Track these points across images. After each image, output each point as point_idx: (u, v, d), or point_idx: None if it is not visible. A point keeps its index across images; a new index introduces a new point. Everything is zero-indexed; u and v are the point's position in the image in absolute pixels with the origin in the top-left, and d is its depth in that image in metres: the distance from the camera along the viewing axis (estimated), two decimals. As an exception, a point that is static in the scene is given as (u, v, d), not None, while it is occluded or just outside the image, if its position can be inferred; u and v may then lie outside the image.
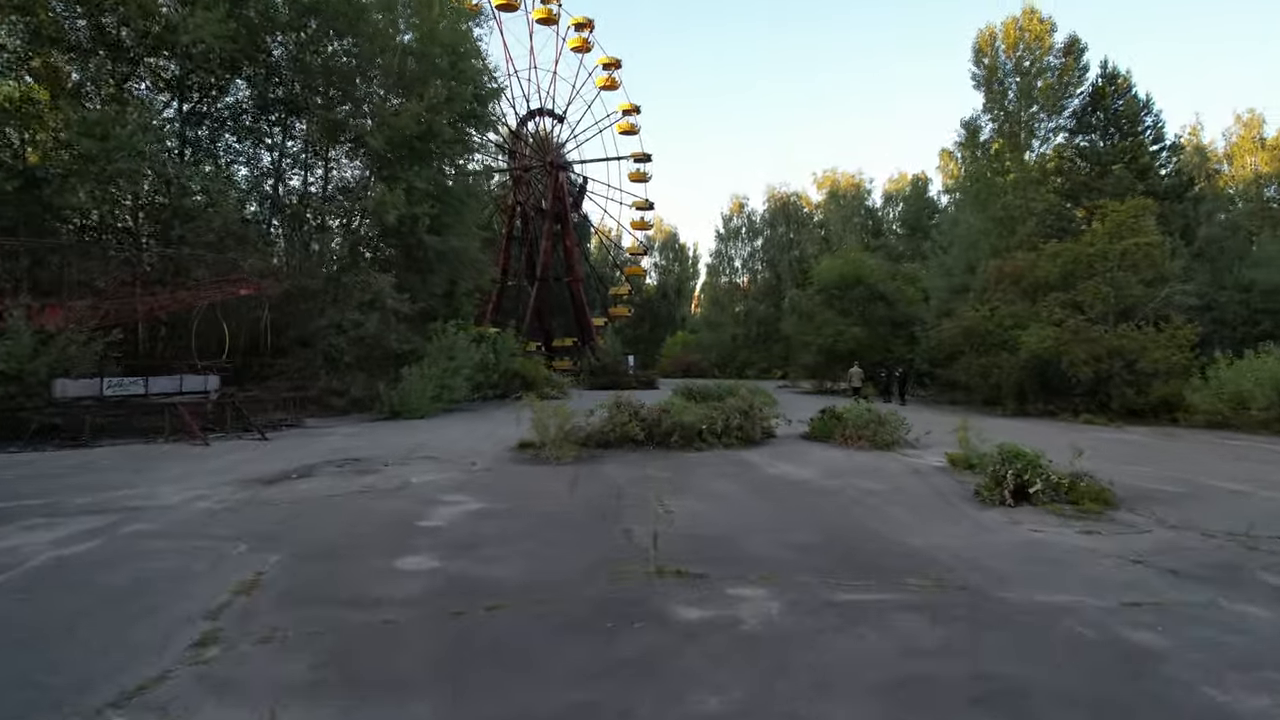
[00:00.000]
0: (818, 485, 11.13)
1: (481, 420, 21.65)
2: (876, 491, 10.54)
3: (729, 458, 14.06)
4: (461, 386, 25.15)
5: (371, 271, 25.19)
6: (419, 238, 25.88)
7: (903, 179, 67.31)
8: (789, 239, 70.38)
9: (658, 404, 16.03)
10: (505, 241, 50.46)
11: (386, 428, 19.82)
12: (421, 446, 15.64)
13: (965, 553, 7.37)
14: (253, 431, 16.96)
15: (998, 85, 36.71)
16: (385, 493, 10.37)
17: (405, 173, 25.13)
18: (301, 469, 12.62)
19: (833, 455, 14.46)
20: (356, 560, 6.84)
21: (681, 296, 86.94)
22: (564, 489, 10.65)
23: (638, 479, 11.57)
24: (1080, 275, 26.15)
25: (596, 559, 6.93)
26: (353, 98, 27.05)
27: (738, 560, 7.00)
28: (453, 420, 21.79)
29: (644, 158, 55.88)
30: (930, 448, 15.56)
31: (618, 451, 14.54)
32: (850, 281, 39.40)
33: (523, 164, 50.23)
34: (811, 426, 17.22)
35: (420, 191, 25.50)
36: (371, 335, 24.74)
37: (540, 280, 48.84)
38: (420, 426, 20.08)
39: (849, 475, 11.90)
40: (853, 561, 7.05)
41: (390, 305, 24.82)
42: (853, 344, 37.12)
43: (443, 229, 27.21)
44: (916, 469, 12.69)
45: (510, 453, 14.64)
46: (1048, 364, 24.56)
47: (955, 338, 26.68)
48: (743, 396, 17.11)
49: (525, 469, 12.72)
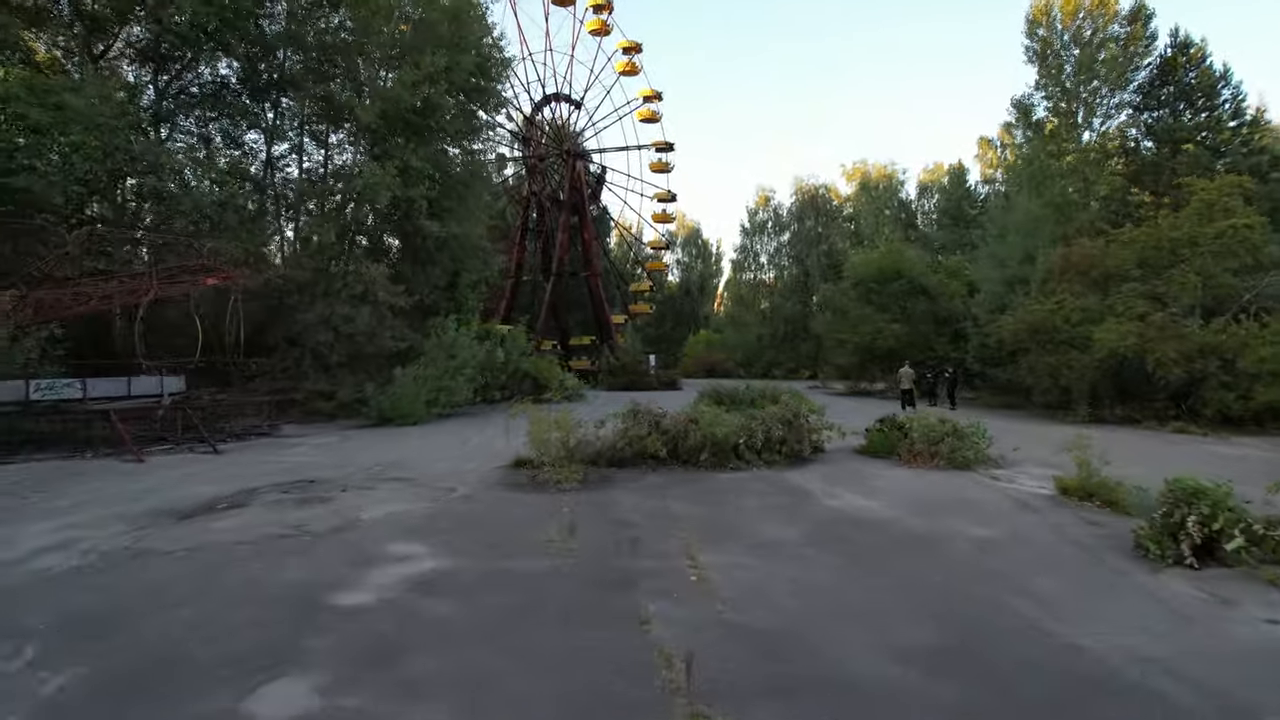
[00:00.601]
0: (905, 529, 8.26)
1: (480, 428, 18.96)
2: (992, 542, 7.65)
3: (773, 481, 11.23)
4: (462, 389, 22.54)
5: (363, 261, 22.64)
6: (416, 223, 23.29)
7: (938, 169, 63.81)
8: (817, 233, 67.07)
9: (683, 411, 13.24)
10: (520, 234, 47.79)
11: (367, 437, 17.23)
12: (398, 463, 12.99)
13: (1184, 668, 4.53)
14: (206, 442, 14.42)
15: (1053, 58, 33.39)
16: (317, 537, 7.70)
17: (400, 151, 22.54)
18: (237, 496, 10.02)
19: (902, 478, 11.57)
20: (181, 694, 4.12)
21: (704, 294, 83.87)
22: (559, 533, 7.90)
23: (658, 515, 8.80)
24: (1160, 263, 22.94)
25: (588, 699, 4.16)
26: (347, 73, 24.52)
27: (824, 690, 4.21)
28: (447, 428, 19.14)
29: (666, 147, 52.91)
30: (1016, 465, 12.66)
31: (633, 472, 11.79)
32: (889, 275, 36.31)
33: (538, 152, 47.48)
34: (869, 439, 14.32)
35: (417, 172, 22.90)
36: (363, 332, 22.24)
37: (556, 275, 46.08)
38: (408, 436, 17.46)
39: (940, 512, 9.02)
40: (1018, 695, 4.23)
41: (383, 298, 22.26)
42: (892, 342, 34.10)
43: (444, 214, 24.60)
44: (1023, 501, 9.77)
45: (502, 472, 11.94)
46: (1126, 364, 21.42)
47: (1019, 334, 23.54)
48: (785, 403, 14.22)
49: (515, 498, 9.99)
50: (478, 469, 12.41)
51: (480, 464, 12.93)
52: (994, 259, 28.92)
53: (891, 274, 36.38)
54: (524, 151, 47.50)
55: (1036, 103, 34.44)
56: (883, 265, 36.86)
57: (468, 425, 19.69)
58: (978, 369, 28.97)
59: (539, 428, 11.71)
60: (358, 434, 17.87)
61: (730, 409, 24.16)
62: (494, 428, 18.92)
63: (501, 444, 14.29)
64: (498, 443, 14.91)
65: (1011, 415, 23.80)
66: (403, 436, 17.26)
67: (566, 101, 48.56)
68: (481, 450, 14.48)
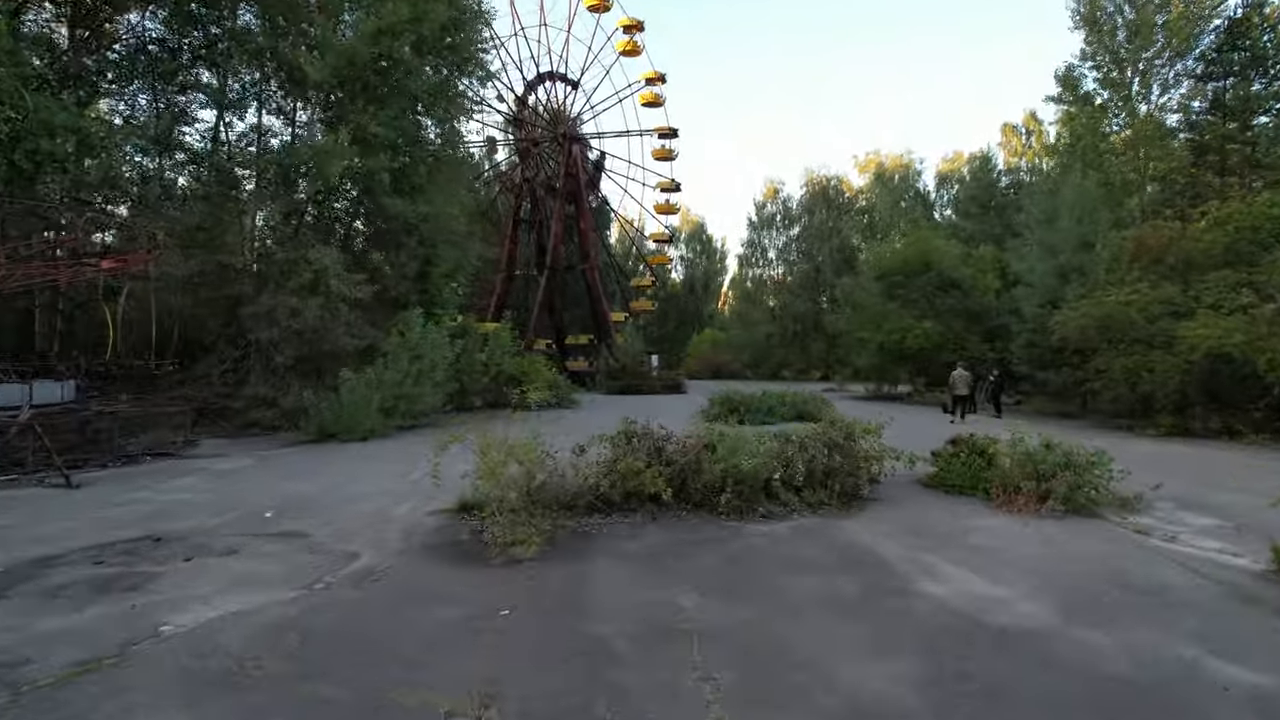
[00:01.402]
0: (1086, 660, 4.68)
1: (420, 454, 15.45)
2: (1266, 695, 4.10)
3: (828, 540, 7.70)
4: (429, 396, 19.08)
5: (313, 243, 19.15)
6: (378, 201, 19.80)
7: (958, 158, 60.16)
8: (829, 226, 63.46)
9: (694, 433, 9.69)
10: (512, 225, 44.16)
11: (292, 460, 13.73)
12: (305, 504, 9.51)
13: None
14: (62, 470, 10.92)
15: (1105, 21, 29.80)
16: (15, 698, 4.18)
17: (359, 115, 19.04)
18: (18, 570, 6.54)
19: (1012, 534, 8.03)
20: None
21: (709, 291, 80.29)
22: (482, 666, 4.38)
23: (659, 626, 5.28)
24: (1256, 248, 19.41)
25: None
26: (298, 28, 21.03)
27: None
28: (401, 446, 15.61)
29: (670, 133, 49.26)
30: (1155, 507, 9.15)
31: (624, 523, 8.29)
32: (916, 267, 32.75)
33: (531, 135, 43.88)
34: (940, 467, 10.78)
35: (379, 141, 19.43)
36: (312, 328, 18.80)
37: (550, 269, 42.46)
38: (344, 458, 13.95)
39: (1117, 612, 5.47)
40: None
41: (335, 289, 18.75)
42: (922, 341, 30.57)
43: (413, 192, 21.11)
44: (1231, 584, 6.22)
45: (439, 522, 8.49)
46: (1222, 366, 17.89)
47: (1085, 332, 19.96)
48: (839, 422, 10.66)
49: (438, 579, 6.48)
50: (409, 515, 8.92)
51: (416, 505, 9.46)
52: (1042, 247, 25.31)
53: (919, 266, 32.83)
54: (516, 135, 43.90)
55: (1085, 73, 30.88)
56: (909, 257, 33.31)
57: (425, 443, 16.14)
58: (1024, 371, 25.37)
59: (489, 460, 8.20)
60: (283, 455, 14.36)
61: (747, 418, 20.70)
62: (459, 445, 15.46)
63: (457, 470, 10.78)
64: (453, 468, 11.39)
65: (1070, 426, 20.26)
66: (337, 459, 13.74)
67: (562, 81, 45.00)
68: (421, 485, 10.94)
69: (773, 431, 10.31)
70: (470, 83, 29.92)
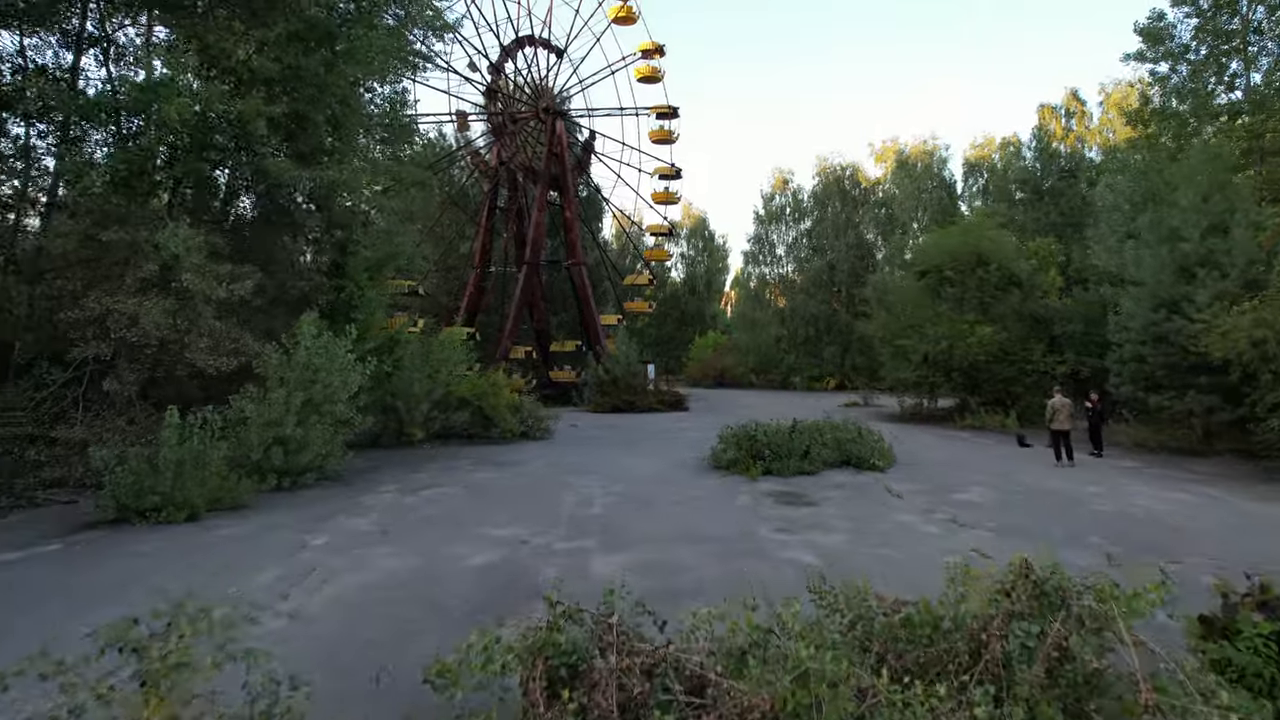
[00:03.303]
0: None
1: (297, 542, 9.76)
2: None
3: None
4: (322, 440, 13.32)
5: (162, 221, 13.41)
6: (258, 163, 14.01)
7: (989, 143, 54.37)
8: (844, 220, 57.73)
9: (718, 663, 3.83)
10: (486, 213, 38.19)
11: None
12: None
13: None
14: None
15: (1209, -46, 24.06)
16: None
17: (214, 33, 13.28)
18: None
19: None
20: None
21: (711, 290, 74.54)
22: None
23: None
24: None
25: None
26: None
27: None
28: (233, 537, 9.82)
29: (669, 112, 43.28)
30: None
31: None
32: (968, 262, 27.05)
33: (509, 110, 38.00)
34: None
35: (256, 75, 13.72)
36: (157, 341, 13.16)
37: (529, 264, 36.58)
38: (93, 573, 8.15)
39: None
40: None
41: (194, 285, 13.01)
42: (977, 350, 24.90)
43: (315, 153, 15.37)
44: None
45: None
46: None
47: (1265, 344, 14.17)
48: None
49: None
50: None
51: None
52: (1153, 232, 19.54)
53: (971, 260, 27.12)
54: (489, 108, 37.99)
55: (1177, 23, 25.10)
56: (956, 249, 27.55)
57: (288, 530, 10.31)
58: (1128, 393, 19.61)
59: None
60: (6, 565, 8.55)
61: (774, 465, 14.99)
62: (334, 533, 9.67)
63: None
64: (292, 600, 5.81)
65: (1218, 475, 14.65)
66: (73, 578, 7.98)
67: (545, 48, 39.04)
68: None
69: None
70: (421, 33, 24.25)
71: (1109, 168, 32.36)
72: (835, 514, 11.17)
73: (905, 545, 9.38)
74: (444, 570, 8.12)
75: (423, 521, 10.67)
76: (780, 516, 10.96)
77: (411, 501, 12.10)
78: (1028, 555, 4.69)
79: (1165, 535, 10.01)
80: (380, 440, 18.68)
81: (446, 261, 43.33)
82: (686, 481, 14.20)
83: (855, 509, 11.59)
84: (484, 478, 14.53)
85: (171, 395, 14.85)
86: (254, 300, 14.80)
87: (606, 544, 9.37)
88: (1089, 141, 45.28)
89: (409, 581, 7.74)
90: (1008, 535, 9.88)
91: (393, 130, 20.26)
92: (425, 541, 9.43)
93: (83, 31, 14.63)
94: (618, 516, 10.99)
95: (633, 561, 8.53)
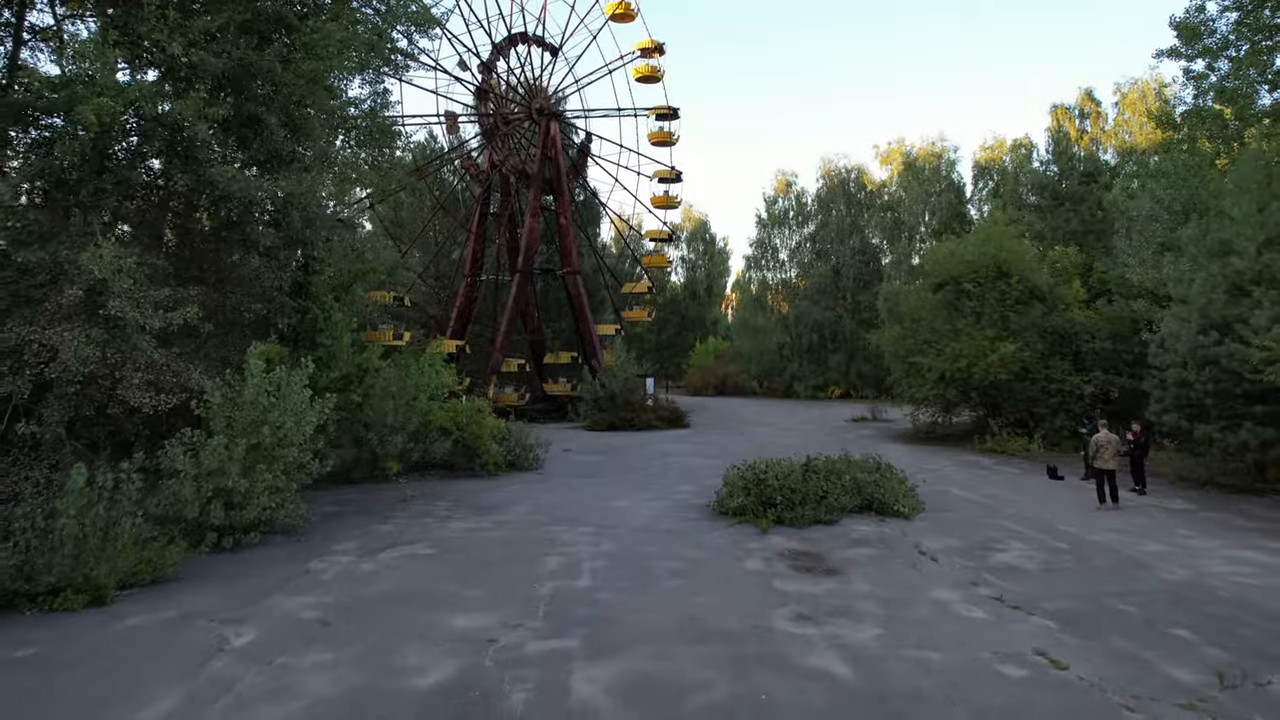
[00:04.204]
0: None
1: (190, 656, 8.09)
2: None
3: None
4: (269, 492, 11.60)
5: (91, 238, 11.74)
6: (200, 172, 12.29)
7: (999, 145, 52.58)
8: (849, 224, 56.12)
9: None
10: (477, 219, 36.47)
11: None
12: None
13: None
14: None
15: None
16: None
17: (149, 28, 11.58)
18: None
19: None
20: None
21: (712, 296, 72.96)
22: None
23: None
24: None
25: None
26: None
27: None
28: (117, 645, 8.14)
29: (669, 113, 41.54)
30: None
31: None
32: (988, 274, 25.40)
33: (501, 110, 36.25)
34: None
35: (198, 72, 12.06)
36: (82, 377, 11.50)
37: (523, 272, 34.83)
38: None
39: None
40: None
41: (123, 313, 11.30)
42: (998, 368, 23.24)
43: (271, 160, 13.68)
44: None
45: None
46: None
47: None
48: None
49: None
50: None
51: None
52: (1199, 246, 17.84)
53: (989, 271, 25.46)
54: (481, 109, 36.24)
55: (1214, 14, 23.38)
56: (976, 260, 25.85)
57: (209, 619, 8.58)
58: (1171, 422, 17.92)
59: None
60: None
61: (786, 514, 13.29)
62: (264, 623, 7.94)
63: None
64: None
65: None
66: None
67: (539, 46, 37.35)
68: None
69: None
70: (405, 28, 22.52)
71: (1130, 172, 30.67)
72: (863, 591, 9.47)
73: (951, 643, 7.69)
74: (384, 699, 6.42)
75: (376, 603, 8.98)
76: (798, 595, 9.26)
77: (368, 569, 10.39)
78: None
79: (1266, 623, 8.32)
80: (352, 475, 17.02)
81: (436, 269, 41.64)
82: (688, 534, 12.51)
83: (885, 581, 9.90)
84: (458, 531, 12.83)
85: (105, 435, 13.30)
86: (204, 326, 13.13)
87: (592, 643, 7.68)
88: (1104, 144, 43.61)
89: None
90: (1070, 625, 8.20)
91: (372, 133, 18.61)
92: (371, 639, 7.74)
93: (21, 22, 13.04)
94: (608, 594, 9.31)
95: (624, 676, 6.86)
